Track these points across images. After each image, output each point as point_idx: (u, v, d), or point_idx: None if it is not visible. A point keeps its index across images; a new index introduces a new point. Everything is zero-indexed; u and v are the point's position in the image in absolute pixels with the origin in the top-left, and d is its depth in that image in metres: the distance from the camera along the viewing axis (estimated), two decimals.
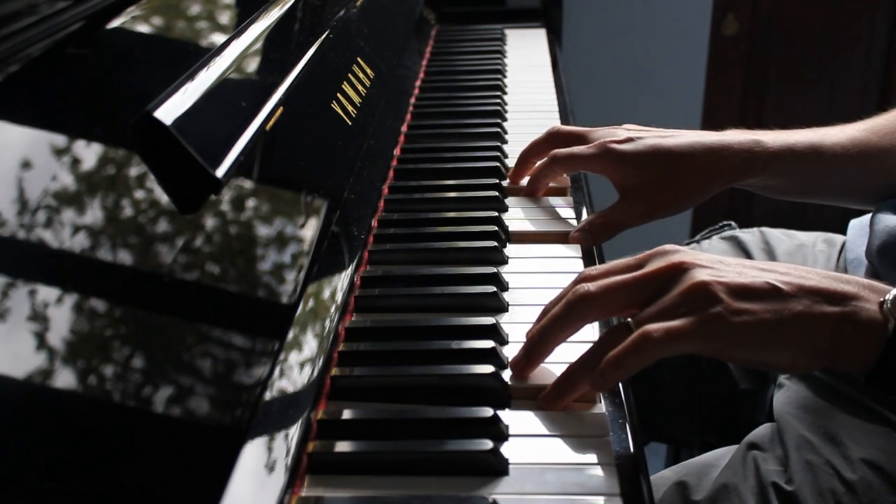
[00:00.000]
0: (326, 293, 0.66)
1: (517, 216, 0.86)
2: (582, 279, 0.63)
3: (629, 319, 0.59)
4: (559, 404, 0.60)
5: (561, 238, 0.83)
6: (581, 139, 0.87)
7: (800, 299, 0.58)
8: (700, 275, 0.58)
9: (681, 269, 0.59)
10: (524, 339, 0.65)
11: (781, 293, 0.58)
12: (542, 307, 0.70)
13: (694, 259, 0.60)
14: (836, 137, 0.84)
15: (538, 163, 0.90)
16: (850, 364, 0.59)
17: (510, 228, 0.84)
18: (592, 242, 0.82)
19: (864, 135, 0.85)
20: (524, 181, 0.92)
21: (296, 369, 0.57)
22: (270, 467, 0.50)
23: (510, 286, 0.74)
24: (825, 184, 0.88)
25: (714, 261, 0.60)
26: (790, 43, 2.16)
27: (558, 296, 0.64)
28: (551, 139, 0.89)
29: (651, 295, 0.59)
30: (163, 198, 0.54)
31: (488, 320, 0.67)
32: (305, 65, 0.78)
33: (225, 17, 0.74)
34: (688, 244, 1.09)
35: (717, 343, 0.57)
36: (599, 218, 0.83)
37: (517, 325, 0.68)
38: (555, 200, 0.89)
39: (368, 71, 0.99)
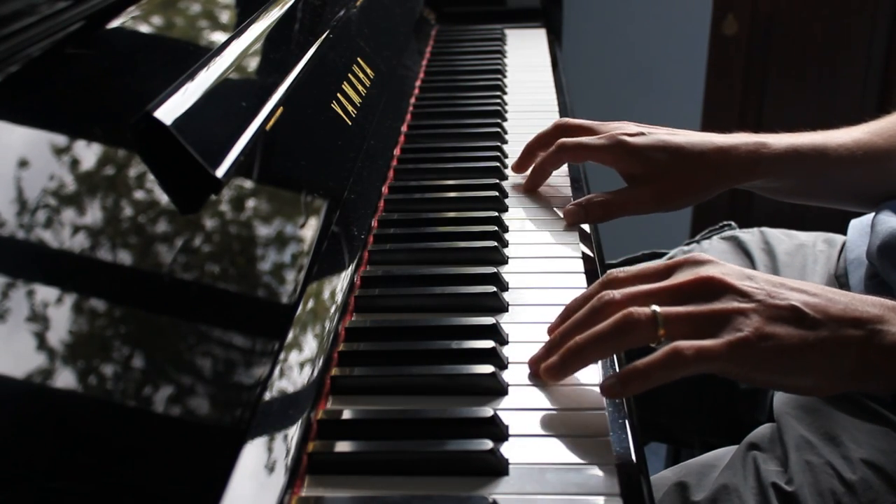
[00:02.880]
0: (326, 293, 0.66)
1: (518, 216, 0.86)
2: (608, 282, 0.63)
3: (655, 308, 0.58)
4: (561, 377, 0.60)
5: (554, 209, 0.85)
6: (588, 132, 0.87)
7: (826, 325, 0.58)
8: (730, 295, 0.58)
9: (712, 285, 0.59)
10: (524, 340, 0.66)
11: (808, 318, 0.58)
12: (542, 307, 0.70)
13: (724, 275, 0.60)
14: (840, 140, 0.84)
15: (543, 154, 0.90)
16: (875, 387, 0.59)
17: (509, 226, 0.84)
18: (585, 220, 0.83)
19: (868, 137, 0.85)
20: (527, 172, 0.92)
21: (296, 369, 0.57)
22: (270, 467, 0.50)
23: (510, 286, 0.74)
24: (829, 186, 0.88)
25: (743, 277, 0.60)
26: (790, 43, 2.16)
27: (582, 296, 0.63)
28: (558, 131, 0.89)
29: (678, 304, 0.59)
30: (163, 198, 0.54)
31: (488, 320, 0.67)
32: (305, 65, 0.78)
33: (225, 17, 0.74)
34: (688, 244, 1.09)
35: (743, 367, 0.57)
36: (599, 197, 0.83)
37: (517, 325, 0.68)
38: (555, 200, 0.89)
39: (368, 71, 0.99)
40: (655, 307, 0.58)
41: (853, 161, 0.83)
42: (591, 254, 0.80)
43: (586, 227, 0.85)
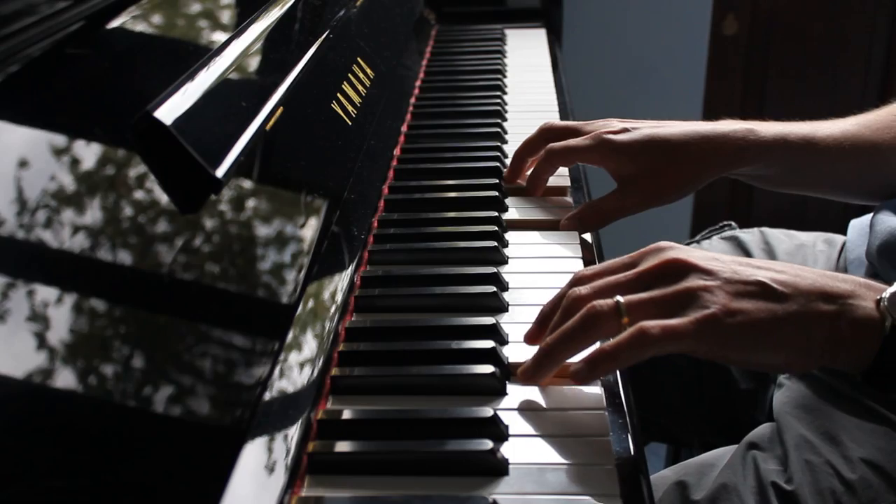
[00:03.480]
0: (326, 293, 0.66)
1: (517, 217, 0.86)
2: (576, 280, 0.63)
3: (618, 298, 0.58)
4: (538, 380, 0.60)
5: (554, 225, 0.84)
6: (574, 133, 0.87)
7: (795, 299, 0.58)
8: (695, 274, 0.58)
9: (676, 267, 0.59)
10: (524, 340, 0.66)
11: (776, 293, 0.58)
12: (542, 307, 0.70)
13: (688, 257, 0.60)
14: (829, 130, 0.84)
15: (534, 160, 0.90)
16: (846, 363, 0.59)
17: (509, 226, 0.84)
18: (583, 230, 0.83)
19: (857, 129, 0.85)
20: (520, 180, 0.92)
21: (296, 369, 0.57)
22: (270, 467, 0.50)
23: (510, 286, 0.74)
24: (818, 176, 0.88)
25: (709, 258, 0.60)
26: (790, 43, 2.16)
27: (554, 298, 0.64)
28: (544, 135, 0.89)
29: (643, 291, 0.59)
30: (163, 198, 0.54)
31: (488, 320, 0.67)
32: (305, 65, 0.78)
33: (225, 17, 0.74)
34: (688, 244, 1.09)
35: (712, 344, 0.57)
36: (593, 206, 0.83)
37: (517, 325, 0.68)
38: (555, 200, 0.89)
39: (368, 71, 0.99)
40: (619, 297, 0.58)
41: (841, 152, 0.83)
42: (590, 254, 0.80)
43: None
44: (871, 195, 0.87)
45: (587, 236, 0.83)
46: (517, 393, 0.61)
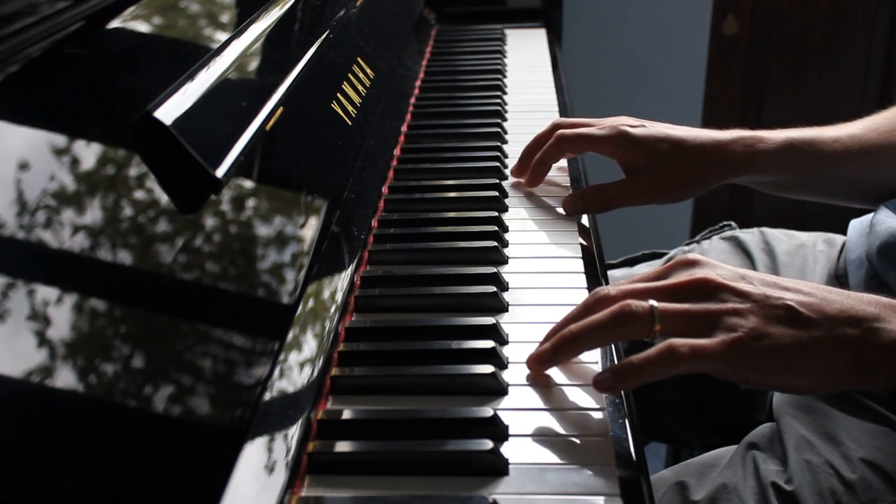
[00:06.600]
0: (326, 293, 0.66)
1: (518, 216, 0.86)
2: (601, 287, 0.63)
3: (653, 303, 0.58)
4: (552, 365, 0.61)
5: (554, 225, 0.84)
6: (587, 128, 0.88)
7: (821, 324, 0.58)
8: (726, 295, 0.58)
9: (707, 286, 0.59)
10: (524, 340, 0.66)
11: (803, 318, 0.58)
12: (542, 307, 0.70)
13: (719, 276, 0.60)
14: (835, 135, 0.85)
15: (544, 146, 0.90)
16: (870, 384, 0.59)
17: (509, 226, 0.84)
18: (583, 210, 0.83)
19: (864, 132, 0.85)
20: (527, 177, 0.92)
21: (296, 369, 0.57)
22: (270, 467, 0.50)
23: (510, 286, 0.74)
24: (825, 181, 0.88)
25: (738, 277, 0.60)
26: (790, 43, 2.16)
27: (577, 308, 0.63)
28: (555, 131, 0.89)
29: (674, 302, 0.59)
30: (163, 198, 0.54)
31: (488, 320, 0.67)
32: (305, 65, 0.78)
33: (225, 17, 0.74)
34: (688, 244, 1.09)
35: (736, 367, 0.57)
36: (596, 188, 0.84)
37: (517, 325, 0.68)
38: (555, 199, 0.89)
39: (368, 71, 0.99)
40: (653, 302, 0.58)
41: (848, 156, 0.84)
42: (591, 254, 0.80)
43: (587, 224, 0.85)
44: (875, 198, 0.87)
45: (587, 237, 0.83)
46: (517, 393, 0.61)
